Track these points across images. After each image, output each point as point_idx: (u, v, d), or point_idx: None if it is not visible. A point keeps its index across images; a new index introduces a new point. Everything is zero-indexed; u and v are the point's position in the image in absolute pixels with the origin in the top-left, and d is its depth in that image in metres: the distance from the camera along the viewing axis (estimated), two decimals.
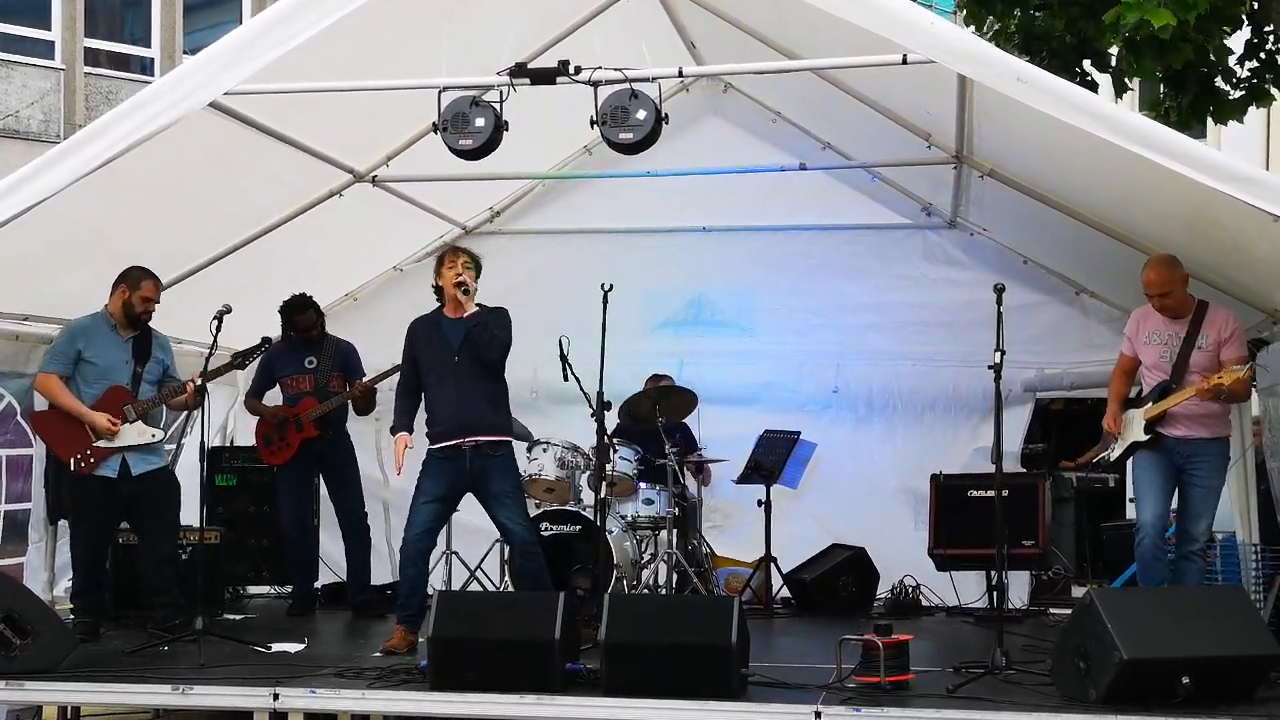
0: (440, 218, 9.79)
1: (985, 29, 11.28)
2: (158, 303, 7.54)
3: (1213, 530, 7.34)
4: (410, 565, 7.15)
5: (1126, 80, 10.57)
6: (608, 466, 8.10)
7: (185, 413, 8.62)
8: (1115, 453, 7.21)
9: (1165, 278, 6.95)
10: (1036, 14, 11.09)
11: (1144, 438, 7.00)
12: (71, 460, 7.35)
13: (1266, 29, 10.86)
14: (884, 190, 9.61)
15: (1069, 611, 6.57)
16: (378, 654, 6.96)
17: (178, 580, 7.61)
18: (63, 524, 8.17)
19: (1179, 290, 6.97)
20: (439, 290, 7.35)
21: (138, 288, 7.45)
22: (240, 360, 7.91)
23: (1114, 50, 10.57)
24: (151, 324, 7.60)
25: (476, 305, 7.27)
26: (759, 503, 8.98)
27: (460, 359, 7.19)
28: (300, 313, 8.73)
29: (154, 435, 7.53)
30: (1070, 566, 9.87)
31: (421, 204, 9.31)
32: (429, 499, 7.17)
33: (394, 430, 7.33)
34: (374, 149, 8.43)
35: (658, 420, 8.71)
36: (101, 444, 7.35)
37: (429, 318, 7.40)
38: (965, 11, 11.32)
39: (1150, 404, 7.01)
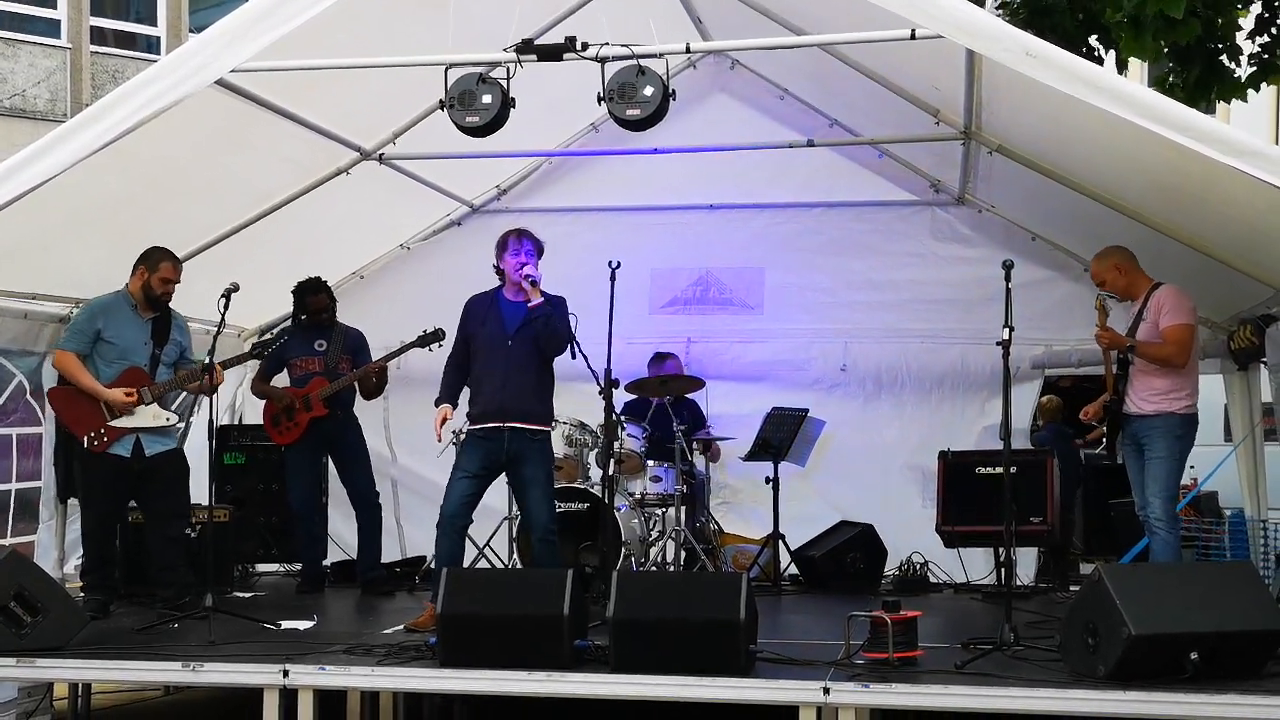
0: (447, 195, 9.78)
1: (990, 7, 11.23)
2: (177, 283, 7.53)
3: (1224, 508, 7.43)
4: (445, 538, 7.12)
5: (1122, 56, 10.50)
6: (615, 444, 8.10)
7: (191, 397, 8.63)
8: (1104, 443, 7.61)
9: (1096, 269, 7.40)
10: None
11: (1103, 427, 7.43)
12: (85, 438, 7.37)
13: (1277, 3, 10.79)
14: (892, 166, 9.59)
15: (1077, 589, 6.57)
16: (397, 629, 6.98)
17: (185, 560, 7.63)
18: (73, 502, 8.19)
19: (1114, 277, 7.31)
20: (500, 271, 7.34)
21: (156, 269, 7.44)
22: (259, 351, 7.91)
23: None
24: (171, 304, 7.61)
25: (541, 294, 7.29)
26: (767, 480, 8.98)
27: (514, 344, 7.19)
28: (313, 294, 8.73)
29: (168, 419, 7.53)
30: (1078, 543, 9.88)
31: (428, 182, 9.30)
32: (465, 474, 7.19)
33: (438, 402, 7.32)
34: (381, 127, 8.42)
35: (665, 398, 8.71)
36: (116, 423, 7.37)
37: (487, 295, 7.38)
38: None
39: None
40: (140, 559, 7.99)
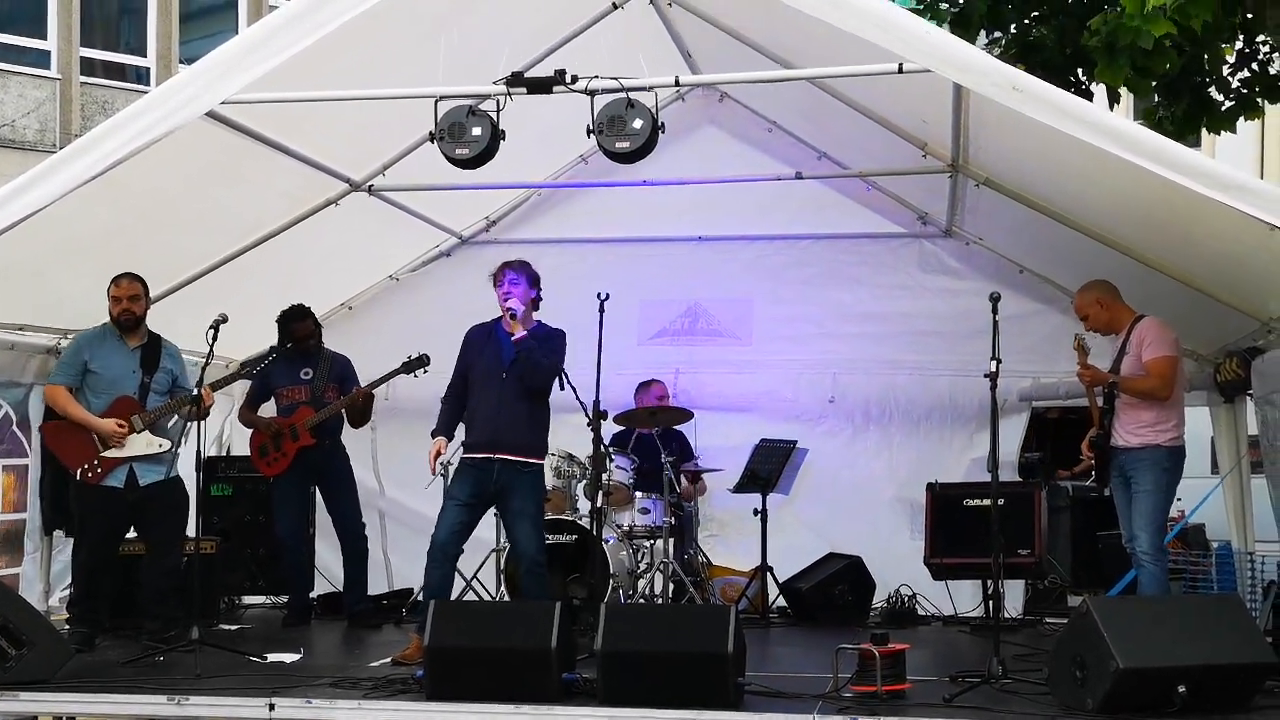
0: (437, 227, 9.79)
1: (977, 43, 11.29)
2: (139, 301, 7.43)
3: (1211, 540, 7.44)
4: (436, 568, 7.11)
5: (1099, 81, 10.54)
6: (604, 476, 8.09)
7: (181, 423, 8.60)
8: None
9: (1079, 303, 7.48)
10: (1030, 26, 11.11)
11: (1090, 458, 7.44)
12: (79, 470, 7.34)
13: (1258, 39, 10.87)
14: (880, 199, 9.62)
15: (1065, 621, 6.57)
16: (383, 662, 6.96)
17: (177, 593, 7.60)
18: (58, 534, 8.16)
19: (1096, 312, 7.37)
20: None
21: (111, 288, 7.43)
22: (249, 370, 7.88)
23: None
24: (160, 333, 7.59)
25: (538, 322, 7.30)
26: (755, 512, 8.98)
27: (508, 376, 7.21)
28: (298, 321, 8.72)
29: (161, 445, 7.50)
30: (1066, 575, 9.87)
31: (418, 213, 9.31)
32: (456, 502, 7.21)
33: (434, 434, 7.35)
34: (371, 158, 8.43)
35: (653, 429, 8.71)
36: (109, 454, 7.35)
37: (485, 327, 7.41)
38: (952, 31, 11.32)
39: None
40: (130, 590, 7.94)
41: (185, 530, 7.76)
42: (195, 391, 7.12)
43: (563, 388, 7.46)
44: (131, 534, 7.85)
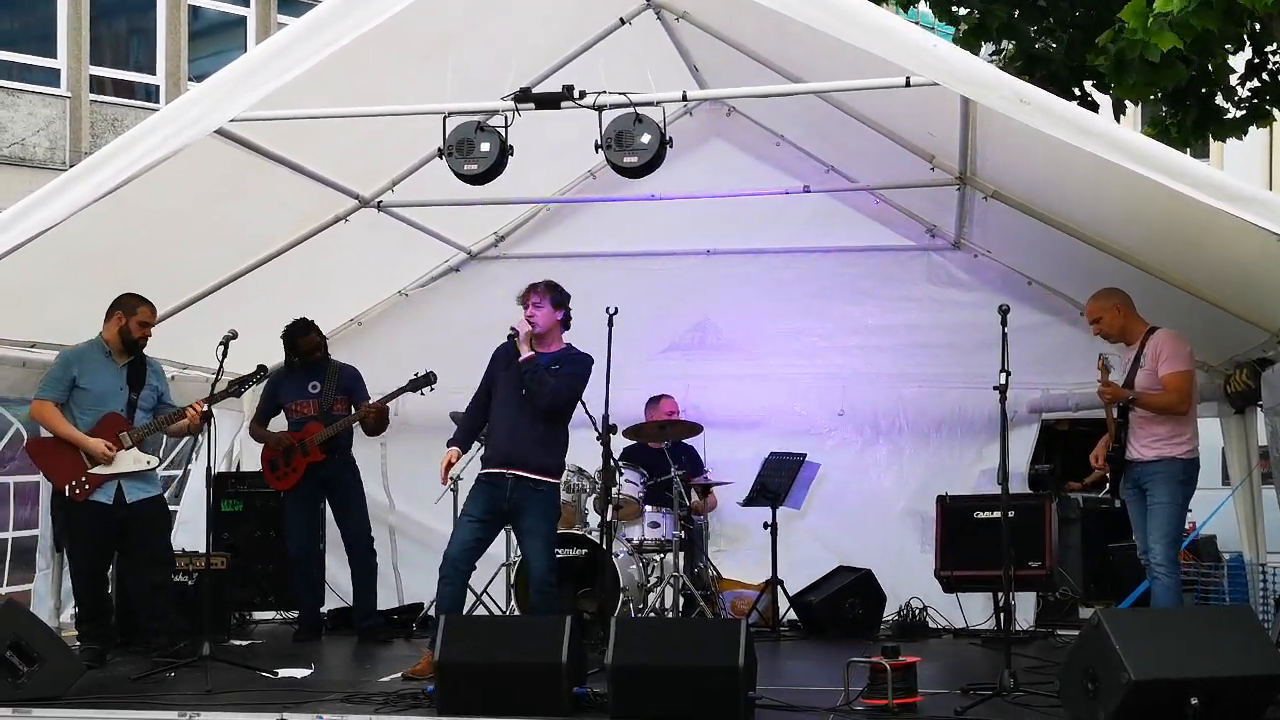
0: (445, 242, 9.80)
1: (984, 56, 11.31)
2: (154, 327, 7.53)
3: (1222, 552, 7.44)
4: (447, 584, 7.12)
5: (1114, 96, 10.55)
6: (613, 490, 8.10)
7: (192, 438, 8.62)
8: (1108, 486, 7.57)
9: (1093, 306, 7.39)
10: (1036, 37, 11.13)
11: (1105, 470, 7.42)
12: (66, 487, 7.34)
13: (1268, 49, 10.87)
14: (888, 212, 9.62)
15: (1076, 633, 6.56)
16: (394, 677, 6.96)
17: (173, 606, 7.60)
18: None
19: (1111, 317, 7.31)
20: None
21: (134, 314, 7.44)
22: (237, 388, 7.88)
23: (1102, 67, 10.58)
24: (145, 350, 7.61)
25: (567, 345, 7.35)
26: (765, 525, 8.97)
27: (526, 395, 7.22)
28: (303, 335, 8.74)
29: (149, 462, 7.51)
30: (1077, 587, 9.85)
31: (426, 229, 9.32)
32: (470, 519, 7.23)
33: (449, 443, 7.38)
34: (379, 174, 8.45)
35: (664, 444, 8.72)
36: (96, 470, 7.34)
37: (511, 345, 7.40)
38: (965, 40, 11.34)
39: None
40: (134, 607, 7.95)
41: (170, 546, 7.78)
42: (203, 408, 7.13)
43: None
44: None
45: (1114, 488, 7.52)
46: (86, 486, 7.34)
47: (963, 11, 11.43)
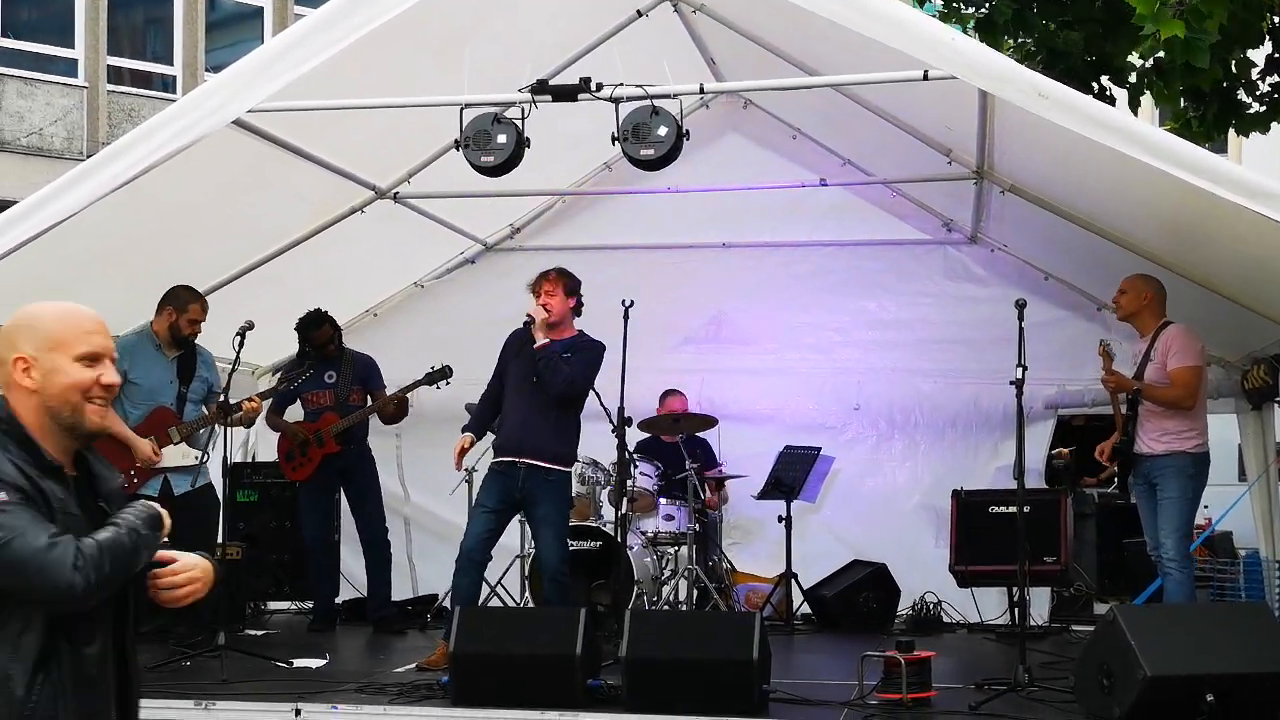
0: (461, 234, 9.81)
1: (1005, 49, 11.25)
2: (204, 322, 7.55)
3: (1239, 548, 7.41)
4: (463, 575, 7.13)
5: (1148, 95, 10.50)
6: (628, 482, 8.10)
7: (209, 428, 8.64)
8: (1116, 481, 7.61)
9: (1127, 281, 7.31)
10: (1055, 31, 11.07)
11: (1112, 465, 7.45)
12: None
13: None
14: (904, 206, 9.60)
15: (1091, 628, 6.56)
16: (409, 668, 6.97)
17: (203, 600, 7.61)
18: None
19: (1133, 299, 7.29)
20: None
21: (185, 310, 7.45)
22: (288, 378, 7.89)
23: (1135, 64, 10.52)
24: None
25: (579, 332, 7.34)
26: (779, 519, 8.97)
27: (539, 382, 7.21)
28: (316, 328, 8.75)
29: (196, 457, 7.53)
30: (1092, 583, 9.84)
31: (443, 220, 9.33)
32: (484, 509, 7.24)
33: (464, 429, 7.40)
34: (396, 166, 8.45)
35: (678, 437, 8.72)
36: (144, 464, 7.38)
37: (523, 332, 7.39)
38: (979, 36, 11.30)
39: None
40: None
41: (215, 538, 7.77)
42: (230, 401, 7.14)
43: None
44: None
45: (1123, 483, 7.49)
46: (135, 480, 7.36)
47: (968, 10, 11.36)
